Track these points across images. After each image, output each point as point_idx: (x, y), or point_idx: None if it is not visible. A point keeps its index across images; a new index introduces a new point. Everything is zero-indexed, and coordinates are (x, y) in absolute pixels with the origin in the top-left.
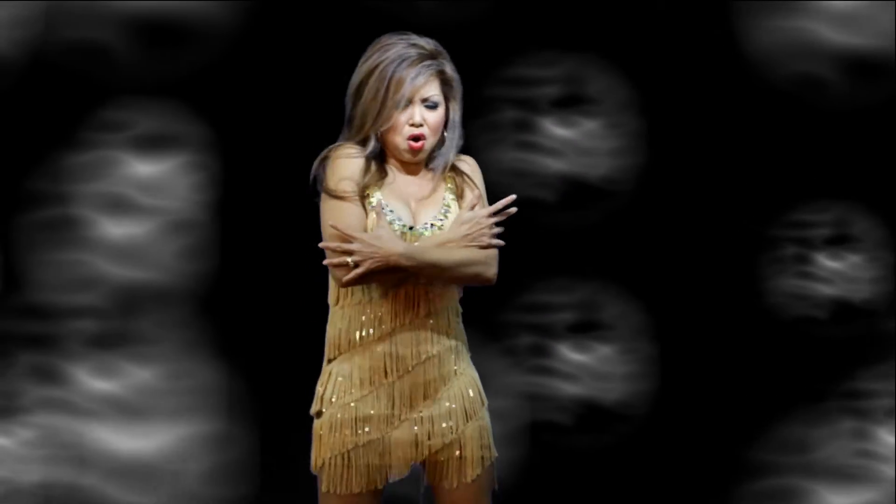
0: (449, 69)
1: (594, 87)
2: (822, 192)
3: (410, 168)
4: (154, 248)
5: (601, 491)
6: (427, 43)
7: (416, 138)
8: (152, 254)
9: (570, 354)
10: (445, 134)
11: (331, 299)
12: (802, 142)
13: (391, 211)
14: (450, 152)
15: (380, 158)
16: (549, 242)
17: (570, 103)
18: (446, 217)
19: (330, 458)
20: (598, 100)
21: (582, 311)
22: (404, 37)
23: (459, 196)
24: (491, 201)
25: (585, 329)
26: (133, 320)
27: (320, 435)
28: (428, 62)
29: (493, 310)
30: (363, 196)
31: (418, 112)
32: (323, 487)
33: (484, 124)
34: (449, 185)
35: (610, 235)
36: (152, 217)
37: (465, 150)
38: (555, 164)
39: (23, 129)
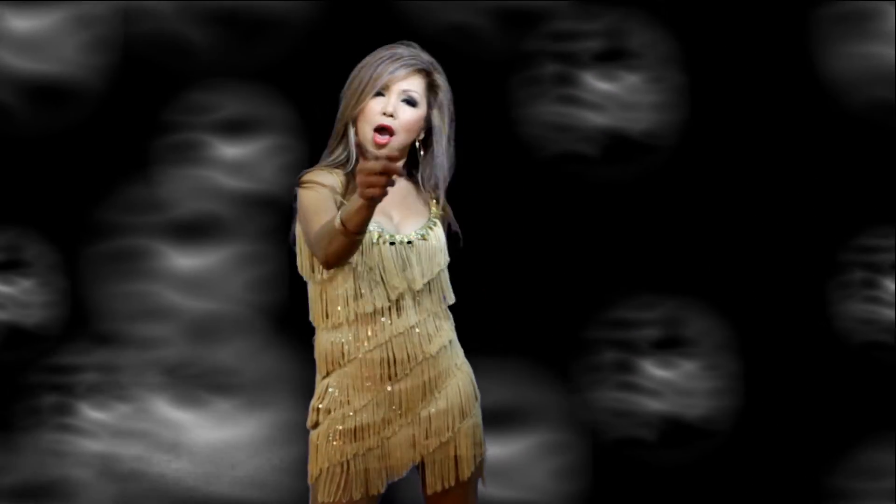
0: (439, 79)
1: (636, 41)
2: (890, 217)
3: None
4: (223, 279)
5: None
6: (423, 53)
7: (381, 129)
8: (222, 284)
9: (653, 370)
10: (434, 145)
11: (315, 319)
12: (871, 166)
13: (375, 225)
14: (441, 168)
15: (354, 165)
16: (592, 198)
17: (612, 57)
18: (431, 229)
19: (327, 468)
20: (640, 54)
21: (665, 328)
22: (403, 43)
23: (444, 229)
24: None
25: (669, 345)
26: (208, 350)
27: (317, 445)
28: (413, 61)
29: (577, 326)
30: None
31: (392, 102)
32: (320, 498)
33: (525, 78)
34: (434, 211)
35: (651, 191)
36: (220, 247)
37: (503, 104)
38: (596, 119)
39: (97, 158)
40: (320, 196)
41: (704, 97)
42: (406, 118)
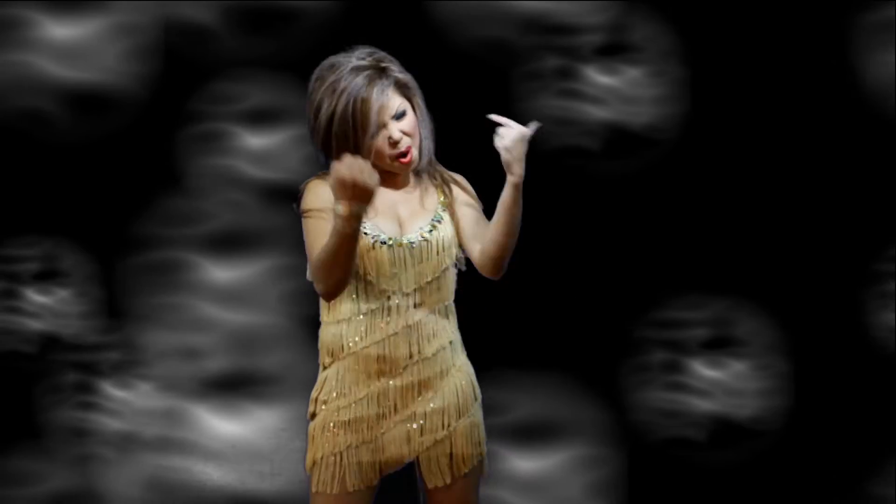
0: (400, 74)
1: (637, 35)
2: None
3: (395, 177)
4: (261, 291)
5: None
6: (366, 57)
7: (402, 155)
8: (259, 296)
9: (703, 370)
10: (420, 130)
11: (321, 313)
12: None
13: (372, 228)
14: (429, 145)
15: None
16: (593, 192)
17: (613, 51)
18: (435, 228)
19: (322, 458)
20: (641, 48)
21: (715, 328)
22: (343, 65)
23: (451, 214)
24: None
25: (718, 345)
26: (252, 361)
27: (313, 435)
28: (381, 82)
29: (626, 326)
30: None
31: (394, 129)
32: (313, 487)
33: (526, 72)
34: (442, 200)
35: (653, 184)
36: (257, 260)
37: (506, 97)
38: (598, 112)
39: (136, 167)
40: (321, 224)
41: (705, 90)
42: (409, 129)
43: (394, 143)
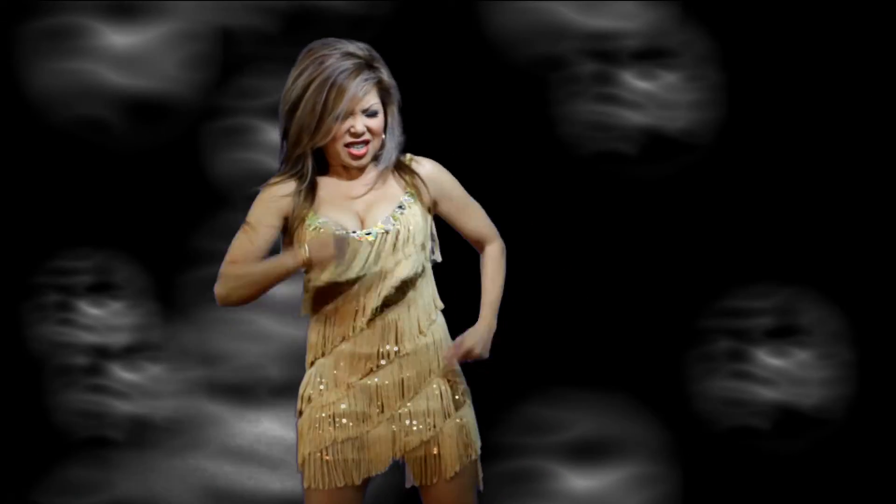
0: (386, 76)
1: (675, 40)
2: None
3: (353, 171)
4: None
5: (797, 496)
6: (361, 49)
7: (357, 146)
8: None
9: (767, 359)
10: (384, 138)
11: (303, 311)
12: None
13: (330, 224)
14: (391, 155)
15: (310, 179)
16: (630, 196)
17: (650, 56)
18: (397, 219)
19: (309, 454)
20: (678, 52)
21: (780, 316)
22: (337, 46)
23: (421, 200)
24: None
25: (783, 334)
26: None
27: (302, 433)
28: (366, 74)
29: (691, 315)
30: (301, 222)
31: (360, 122)
32: (305, 483)
33: (564, 77)
34: (409, 190)
35: (688, 189)
36: None
37: (542, 103)
38: (634, 117)
39: (191, 179)
40: (251, 238)
41: (743, 95)
42: (374, 128)
43: (354, 135)
